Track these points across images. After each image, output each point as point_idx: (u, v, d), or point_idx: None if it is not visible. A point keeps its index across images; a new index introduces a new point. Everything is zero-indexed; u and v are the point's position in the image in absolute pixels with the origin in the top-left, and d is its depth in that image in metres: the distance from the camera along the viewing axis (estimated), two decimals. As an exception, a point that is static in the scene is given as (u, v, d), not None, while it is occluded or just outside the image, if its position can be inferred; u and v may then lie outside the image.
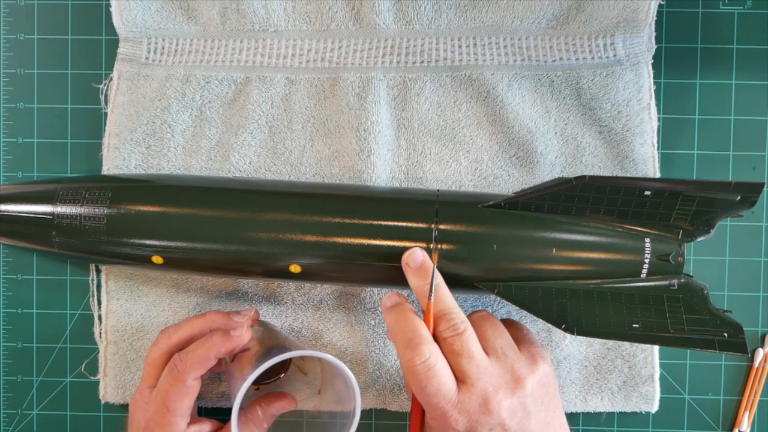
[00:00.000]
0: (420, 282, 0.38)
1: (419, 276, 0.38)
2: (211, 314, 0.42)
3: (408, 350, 0.36)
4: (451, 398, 0.35)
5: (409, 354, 0.35)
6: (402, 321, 0.37)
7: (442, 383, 0.35)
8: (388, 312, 0.38)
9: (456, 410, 0.35)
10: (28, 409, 0.49)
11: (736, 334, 0.38)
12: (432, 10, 0.47)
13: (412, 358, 0.35)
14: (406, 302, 0.39)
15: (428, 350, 0.36)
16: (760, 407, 0.48)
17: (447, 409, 0.35)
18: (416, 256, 0.39)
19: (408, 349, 0.36)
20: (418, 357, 0.35)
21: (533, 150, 0.46)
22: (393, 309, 0.38)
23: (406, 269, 0.39)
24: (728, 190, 0.38)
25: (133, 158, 0.47)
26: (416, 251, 0.39)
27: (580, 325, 0.38)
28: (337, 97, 0.47)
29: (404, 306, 0.38)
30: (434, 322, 0.37)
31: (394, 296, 0.39)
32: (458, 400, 0.35)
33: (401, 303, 0.38)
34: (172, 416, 0.40)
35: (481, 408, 0.35)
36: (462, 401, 0.35)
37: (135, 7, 0.47)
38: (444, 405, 0.35)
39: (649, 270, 0.39)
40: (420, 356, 0.35)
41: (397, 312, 0.38)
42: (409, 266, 0.39)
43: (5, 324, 0.49)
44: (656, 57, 0.47)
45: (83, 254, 0.43)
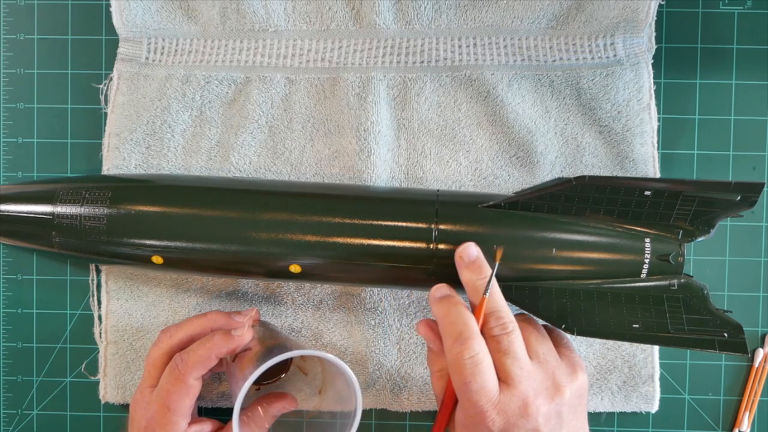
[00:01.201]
0: (473, 276, 0.38)
1: (472, 270, 0.38)
2: (212, 314, 0.42)
3: (457, 343, 0.35)
4: (492, 397, 0.35)
5: (459, 347, 0.35)
6: (453, 313, 0.37)
7: (486, 381, 0.35)
8: (437, 303, 0.38)
9: (495, 410, 0.35)
10: (28, 409, 0.49)
11: (736, 334, 0.38)
12: (432, 10, 0.47)
13: (461, 351, 0.35)
14: (456, 295, 0.38)
15: (478, 345, 0.35)
16: (760, 407, 0.48)
17: (486, 408, 0.35)
18: (471, 251, 0.38)
19: (457, 342, 0.35)
20: (467, 351, 0.35)
21: (533, 150, 0.46)
22: (443, 300, 0.38)
23: (459, 262, 0.38)
24: (728, 190, 0.38)
25: (133, 158, 0.47)
26: (471, 246, 0.38)
27: (580, 325, 0.38)
28: (337, 97, 0.47)
29: (455, 298, 0.38)
30: (483, 319, 0.37)
31: (444, 288, 0.39)
32: (498, 401, 0.35)
33: (452, 295, 0.38)
34: (173, 416, 0.40)
35: (520, 411, 0.35)
36: (502, 402, 0.35)
37: (135, 7, 0.47)
38: (484, 403, 0.35)
39: (649, 270, 0.39)
40: (470, 350, 0.35)
41: (448, 304, 0.37)
42: (462, 259, 0.38)
43: (5, 324, 0.49)
44: (656, 57, 0.47)
45: (83, 254, 0.43)
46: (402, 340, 0.47)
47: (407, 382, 0.47)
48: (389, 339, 0.47)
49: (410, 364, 0.47)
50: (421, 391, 0.47)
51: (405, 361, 0.47)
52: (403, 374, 0.47)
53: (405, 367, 0.47)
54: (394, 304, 0.47)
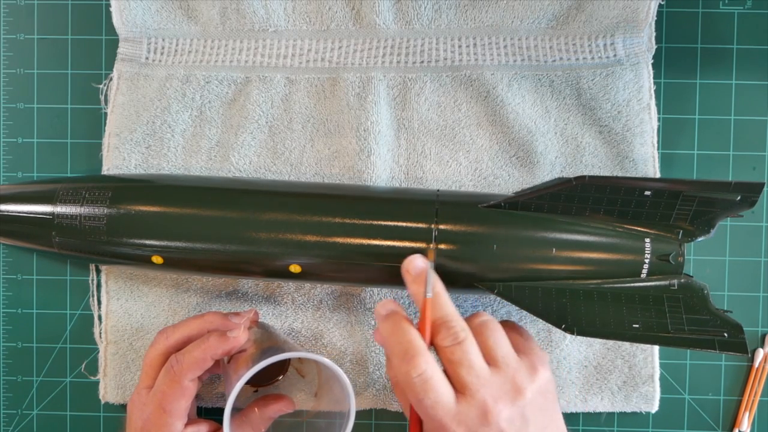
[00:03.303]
0: (420, 289, 0.37)
1: (419, 283, 0.37)
2: (209, 315, 0.42)
3: (404, 362, 0.35)
4: (450, 410, 0.34)
5: (405, 366, 0.35)
6: (397, 331, 0.36)
7: (439, 395, 0.34)
8: (383, 321, 0.37)
9: (454, 422, 0.34)
10: (28, 409, 0.49)
11: (736, 334, 0.38)
12: (432, 10, 0.47)
13: (408, 371, 0.34)
14: (402, 310, 0.38)
15: (424, 362, 0.35)
16: (760, 407, 0.48)
17: (445, 421, 0.34)
18: (416, 263, 0.38)
19: (404, 361, 0.35)
20: (414, 369, 0.34)
21: (533, 150, 0.46)
22: (388, 318, 0.37)
23: (406, 276, 0.38)
24: (728, 190, 0.38)
25: (133, 158, 0.47)
26: (416, 258, 0.38)
27: (580, 325, 0.38)
28: (337, 97, 0.47)
29: (399, 315, 0.37)
30: (433, 329, 0.36)
31: (389, 304, 0.38)
32: (457, 412, 0.34)
33: (396, 312, 0.37)
34: (169, 417, 0.40)
35: (480, 419, 0.34)
36: (461, 413, 0.34)
37: (135, 7, 0.47)
38: (442, 417, 0.34)
39: (649, 270, 0.39)
40: (416, 369, 0.34)
41: (392, 321, 0.36)
42: (409, 273, 0.38)
43: (5, 324, 0.49)
44: (656, 57, 0.47)
45: (83, 254, 0.43)
46: (402, 340, 0.47)
47: (407, 382, 0.47)
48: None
49: (410, 364, 0.47)
50: (421, 391, 0.47)
51: (405, 361, 0.47)
52: (403, 374, 0.47)
53: (405, 367, 0.47)
54: (394, 304, 0.47)
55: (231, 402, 0.37)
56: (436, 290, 0.37)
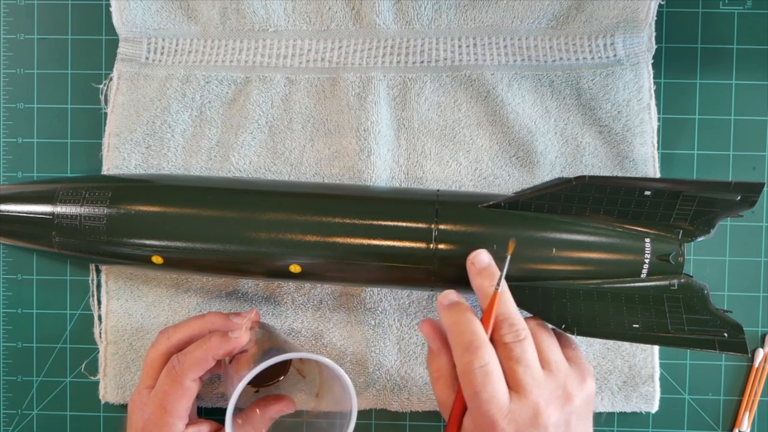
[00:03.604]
0: (484, 283, 0.37)
1: (484, 277, 0.37)
2: (211, 315, 0.42)
3: (467, 352, 0.35)
4: (503, 407, 0.34)
5: (469, 356, 0.35)
6: (462, 321, 0.36)
7: (496, 390, 0.34)
8: (446, 310, 0.37)
9: (506, 420, 0.34)
10: (28, 409, 0.49)
11: (736, 334, 0.38)
12: (432, 10, 0.47)
13: (471, 360, 0.35)
14: (465, 302, 0.38)
15: (488, 354, 0.35)
16: (760, 407, 0.48)
17: (497, 418, 0.34)
18: (482, 258, 0.38)
19: (467, 351, 0.35)
20: (477, 360, 0.34)
21: (533, 150, 0.46)
22: (451, 308, 0.37)
23: (470, 269, 0.38)
24: (728, 190, 0.38)
25: (133, 158, 0.47)
26: (483, 253, 0.38)
27: (580, 325, 0.38)
28: (337, 97, 0.47)
29: (464, 305, 0.37)
30: (495, 325, 0.36)
31: (453, 295, 0.38)
32: (509, 410, 0.35)
33: (460, 302, 0.37)
34: (170, 417, 0.40)
35: (530, 420, 0.35)
36: (513, 411, 0.35)
37: (135, 7, 0.47)
38: (495, 413, 0.34)
39: (649, 270, 0.39)
40: (480, 359, 0.35)
41: (457, 311, 0.37)
42: (473, 266, 0.38)
43: (5, 324, 0.49)
44: (656, 57, 0.47)
45: (83, 254, 0.43)
46: (402, 340, 0.47)
47: (407, 382, 0.47)
48: (389, 339, 0.47)
49: (410, 364, 0.47)
50: (421, 391, 0.47)
51: (405, 361, 0.47)
52: (403, 374, 0.47)
53: (405, 367, 0.47)
54: (394, 304, 0.47)
55: (233, 402, 0.37)
56: (502, 287, 0.37)
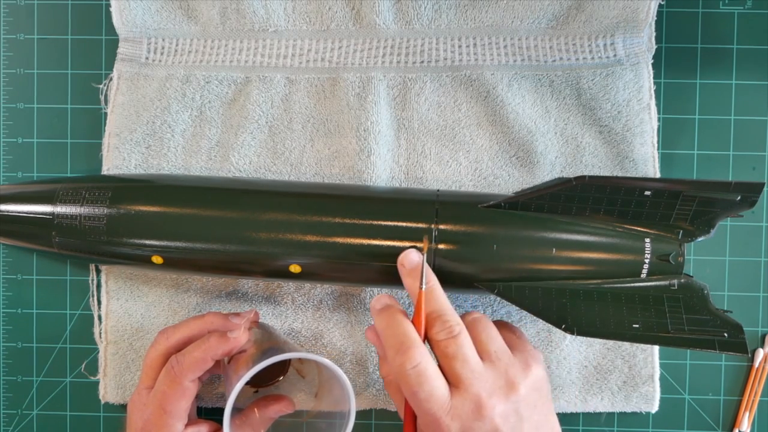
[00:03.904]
0: (414, 282, 0.37)
1: (413, 277, 0.38)
2: (210, 315, 0.42)
3: (399, 354, 0.35)
4: (444, 403, 0.34)
5: (400, 358, 0.35)
6: (393, 324, 0.36)
7: (434, 388, 0.34)
8: (378, 314, 0.37)
9: (449, 416, 0.34)
10: (28, 409, 0.49)
11: (736, 334, 0.38)
12: (432, 10, 0.47)
13: (402, 362, 0.34)
14: (396, 304, 0.38)
15: (419, 354, 0.35)
16: (760, 407, 0.48)
17: (439, 415, 0.34)
18: (411, 257, 0.38)
19: (399, 353, 0.35)
20: (409, 361, 0.34)
21: (533, 150, 0.46)
22: (383, 312, 0.37)
23: (401, 270, 0.38)
24: (728, 190, 0.38)
25: (133, 158, 0.47)
26: (411, 252, 0.38)
27: (580, 325, 0.38)
28: (337, 97, 0.47)
29: (394, 308, 0.37)
30: (428, 323, 0.36)
31: (384, 298, 0.38)
32: (451, 406, 0.34)
33: (391, 305, 0.38)
34: (169, 418, 0.40)
35: (474, 414, 0.34)
36: (455, 407, 0.34)
37: (135, 7, 0.47)
38: (436, 410, 0.34)
39: (649, 270, 0.39)
40: (411, 361, 0.34)
41: (387, 315, 0.37)
42: (404, 267, 0.38)
43: (5, 324, 0.49)
44: (656, 57, 0.47)
45: (83, 254, 0.43)
46: (402, 340, 0.47)
47: (407, 382, 0.47)
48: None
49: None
50: (421, 391, 0.47)
51: (405, 361, 0.47)
52: (403, 374, 0.47)
53: (405, 367, 0.47)
54: (394, 304, 0.47)
55: (231, 402, 0.37)
56: (431, 284, 0.37)
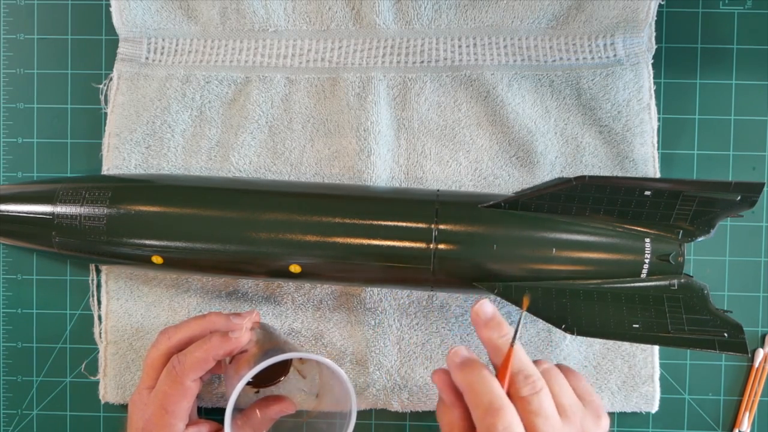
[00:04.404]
0: (492, 335, 0.37)
1: (491, 328, 0.37)
2: (211, 315, 0.42)
3: (489, 415, 0.34)
4: None
5: (491, 419, 0.34)
6: (479, 381, 0.35)
7: None
8: (459, 370, 0.37)
9: None
10: (28, 409, 0.49)
11: (736, 334, 0.38)
12: (432, 10, 0.47)
13: (494, 423, 0.34)
14: (477, 359, 0.37)
15: (510, 414, 0.34)
16: (760, 407, 0.48)
17: None
18: (486, 308, 0.38)
19: (489, 413, 0.34)
20: (500, 422, 0.34)
21: (533, 150, 0.46)
22: (465, 367, 0.36)
23: (476, 320, 0.38)
24: (728, 190, 0.38)
25: (133, 158, 0.47)
26: (486, 303, 0.38)
27: (580, 325, 0.38)
28: (337, 97, 0.47)
29: (477, 363, 0.36)
30: (510, 379, 0.36)
31: (463, 350, 0.37)
32: None
33: (473, 360, 0.37)
34: (171, 418, 0.40)
35: None
36: None
37: (135, 7, 0.47)
38: None
39: (649, 270, 0.39)
40: (503, 421, 0.34)
41: (471, 370, 0.36)
42: (479, 317, 0.37)
43: (5, 324, 0.49)
44: (656, 57, 0.47)
45: (83, 254, 0.43)
46: (402, 340, 0.47)
47: (407, 382, 0.47)
48: (389, 339, 0.47)
49: (410, 364, 0.47)
50: (421, 391, 0.47)
51: (405, 361, 0.47)
52: (403, 374, 0.47)
53: (405, 367, 0.47)
54: (394, 304, 0.47)
55: (232, 402, 0.37)
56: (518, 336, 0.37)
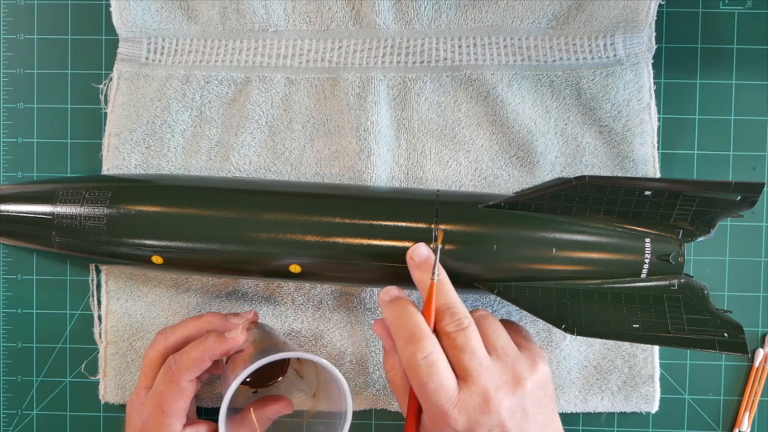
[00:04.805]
0: (424, 275, 0.38)
1: (423, 269, 0.38)
2: (208, 316, 0.42)
3: (410, 344, 0.35)
4: (452, 396, 0.34)
5: (411, 348, 0.35)
6: (403, 315, 0.36)
7: (443, 380, 0.34)
8: (387, 306, 0.38)
9: (456, 409, 0.34)
10: (28, 409, 0.49)
11: (736, 334, 0.38)
12: (432, 10, 0.47)
13: (414, 352, 0.35)
14: (406, 296, 0.38)
15: (430, 345, 0.35)
16: (760, 407, 0.48)
17: (447, 408, 0.34)
18: (421, 251, 0.38)
19: (410, 343, 0.35)
20: (420, 351, 0.35)
21: (533, 150, 0.46)
22: (393, 303, 0.38)
23: (410, 263, 0.39)
24: (728, 190, 0.38)
25: (133, 158, 0.47)
26: (421, 246, 0.39)
27: (580, 325, 0.38)
28: (337, 97, 0.47)
29: (404, 300, 0.38)
30: (437, 316, 0.37)
31: (393, 290, 0.39)
32: (458, 399, 0.34)
33: (401, 297, 0.38)
34: (167, 418, 0.40)
35: (481, 407, 0.35)
36: (462, 399, 0.35)
37: (135, 7, 0.47)
38: (444, 403, 0.34)
39: (649, 270, 0.39)
40: (422, 351, 0.35)
41: (397, 306, 0.37)
42: (413, 260, 0.38)
43: (5, 324, 0.49)
44: (656, 57, 0.47)
45: (83, 254, 0.43)
46: (402, 340, 0.47)
47: (407, 382, 0.47)
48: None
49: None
50: (421, 391, 0.47)
51: (405, 361, 0.47)
52: (403, 374, 0.47)
53: (405, 367, 0.47)
54: (394, 304, 0.47)
55: (227, 401, 0.37)
56: (440, 277, 0.37)
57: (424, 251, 0.38)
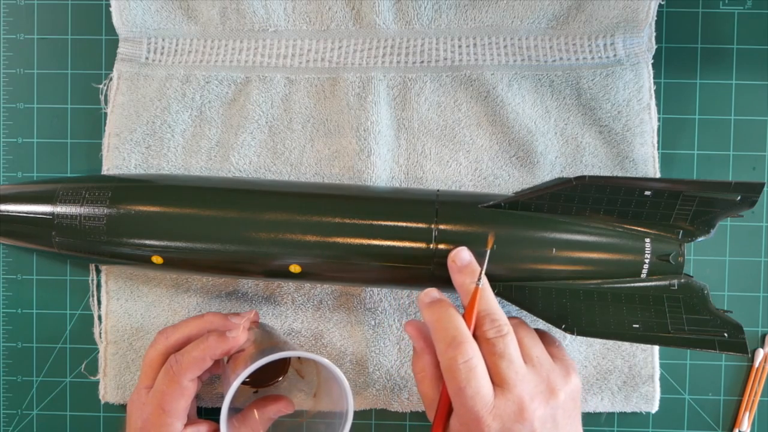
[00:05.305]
0: (465, 280, 0.37)
1: (465, 274, 0.38)
2: (209, 315, 0.42)
3: (451, 348, 0.35)
4: (488, 402, 0.34)
5: (452, 352, 0.35)
6: (444, 318, 0.36)
7: (481, 386, 0.34)
8: (427, 307, 0.37)
9: (491, 416, 0.34)
10: (28, 409, 0.49)
11: (736, 334, 0.38)
12: (432, 10, 0.47)
13: (455, 356, 0.35)
14: (447, 299, 0.38)
15: (471, 349, 0.35)
16: (760, 407, 0.48)
17: (482, 414, 0.34)
18: (463, 255, 0.38)
19: (451, 346, 0.35)
20: (461, 355, 0.35)
21: (533, 150, 0.46)
22: (434, 305, 0.37)
23: (451, 266, 0.38)
24: (728, 190, 0.38)
25: (133, 158, 0.47)
26: (463, 250, 0.38)
27: (580, 325, 0.38)
28: (337, 97, 0.47)
29: (445, 302, 0.37)
30: (477, 321, 0.36)
31: (434, 292, 0.38)
32: (494, 405, 0.34)
33: (442, 299, 0.38)
34: (168, 417, 0.40)
35: (516, 415, 0.35)
36: (497, 407, 0.34)
37: (135, 7, 0.47)
38: (480, 409, 0.34)
39: (649, 270, 0.39)
40: (463, 355, 0.35)
41: (439, 308, 0.37)
42: (454, 263, 0.38)
43: (5, 324, 0.49)
44: (656, 57, 0.47)
45: (83, 254, 0.43)
46: (402, 340, 0.47)
47: (407, 382, 0.47)
48: (389, 339, 0.47)
49: (410, 364, 0.47)
50: (421, 391, 0.47)
51: (405, 361, 0.47)
52: (403, 374, 0.47)
53: (405, 367, 0.47)
54: (394, 304, 0.47)
55: (228, 401, 0.37)
56: (483, 283, 0.37)
57: (466, 256, 0.38)
